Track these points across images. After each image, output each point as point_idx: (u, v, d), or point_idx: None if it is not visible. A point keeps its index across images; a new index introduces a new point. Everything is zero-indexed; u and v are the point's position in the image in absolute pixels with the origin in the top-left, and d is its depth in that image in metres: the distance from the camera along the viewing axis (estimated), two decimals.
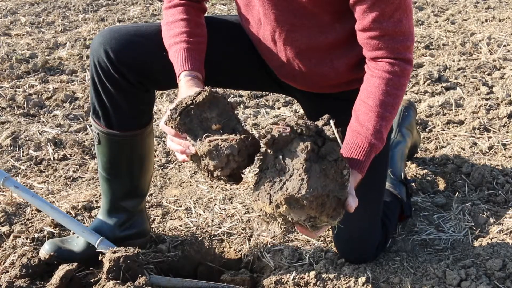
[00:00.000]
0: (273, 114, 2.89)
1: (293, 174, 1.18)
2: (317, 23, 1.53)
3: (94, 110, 1.67)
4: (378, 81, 1.44)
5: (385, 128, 1.43)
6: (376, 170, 1.54)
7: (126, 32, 1.61)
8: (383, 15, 1.40)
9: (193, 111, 1.27)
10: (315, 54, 1.60)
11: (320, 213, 1.19)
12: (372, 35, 1.43)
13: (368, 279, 1.66)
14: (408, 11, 1.42)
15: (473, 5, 5.06)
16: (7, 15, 4.86)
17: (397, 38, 1.43)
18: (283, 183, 1.18)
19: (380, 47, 1.44)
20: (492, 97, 3.03)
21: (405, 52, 1.45)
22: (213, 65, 1.63)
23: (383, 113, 1.42)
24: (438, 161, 2.40)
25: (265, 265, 1.81)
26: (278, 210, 1.18)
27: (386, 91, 1.43)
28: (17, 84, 3.26)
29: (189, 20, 1.58)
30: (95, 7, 5.13)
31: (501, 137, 2.59)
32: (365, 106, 1.44)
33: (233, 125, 1.29)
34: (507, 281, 1.66)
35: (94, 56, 1.60)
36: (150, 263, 1.81)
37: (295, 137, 1.21)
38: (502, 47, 3.82)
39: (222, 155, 1.22)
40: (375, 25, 1.41)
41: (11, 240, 1.85)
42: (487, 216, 1.99)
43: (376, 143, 1.42)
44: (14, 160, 2.43)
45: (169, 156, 2.51)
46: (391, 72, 1.43)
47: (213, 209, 2.10)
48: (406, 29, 1.43)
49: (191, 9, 1.61)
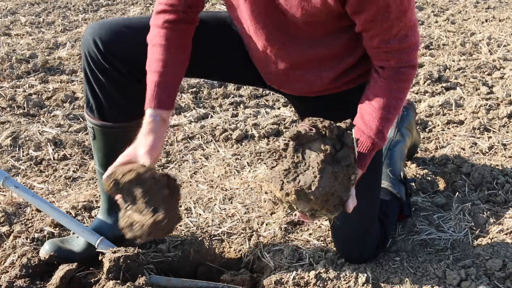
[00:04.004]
0: (273, 114, 2.89)
1: (308, 170, 1.29)
2: (308, 39, 1.54)
3: (88, 103, 1.69)
4: (384, 85, 1.49)
5: (386, 129, 1.51)
6: (371, 168, 1.56)
7: (116, 23, 1.63)
8: (389, 35, 1.43)
9: (121, 185, 1.39)
10: (304, 66, 1.62)
11: (322, 207, 1.32)
12: (380, 51, 1.48)
13: (368, 279, 1.66)
14: (413, 24, 1.45)
15: (473, 5, 5.06)
16: (7, 15, 4.86)
17: (403, 52, 1.47)
18: (297, 174, 1.30)
19: (388, 59, 1.48)
20: (492, 97, 3.03)
21: (411, 60, 1.49)
22: (202, 60, 1.66)
23: (387, 115, 1.49)
24: (438, 161, 2.40)
25: (265, 265, 1.81)
26: (287, 198, 1.30)
27: (391, 94, 1.49)
28: (17, 84, 3.26)
29: (168, 47, 1.54)
30: (95, 7, 5.13)
31: (501, 137, 2.59)
32: (370, 107, 1.50)
33: (156, 204, 1.38)
34: (507, 281, 1.66)
35: (84, 47, 1.62)
36: (150, 263, 1.81)
37: (318, 138, 1.32)
38: (502, 47, 3.82)
39: (135, 232, 1.38)
40: (382, 44, 1.45)
41: (11, 240, 1.85)
42: (487, 216, 1.99)
43: (378, 142, 1.50)
44: (14, 160, 2.43)
45: (169, 156, 2.51)
46: (397, 78, 1.49)
47: (213, 209, 2.10)
48: (412, 42, 1.47)
49: (173, 32, 1.56)
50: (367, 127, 1.49)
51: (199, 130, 2.72)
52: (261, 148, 2.56)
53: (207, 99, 3.13)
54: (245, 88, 3.24)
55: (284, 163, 1.31)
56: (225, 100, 3.10)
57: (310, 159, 1.30)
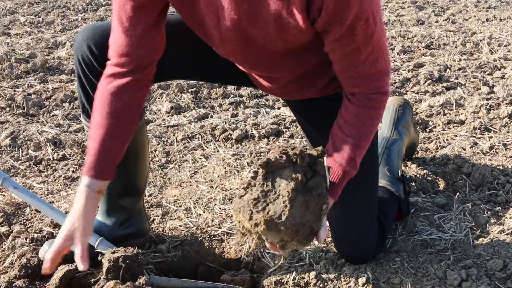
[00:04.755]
0: (273, 114, 2.89)
1: (278, 199, 1.26)
2: (292, 59, 1.53)
3: (84, 108, 1.68)
4: (355, 112, 1.47)
5: (359, 156, 1.48)
6: (366, 168, 1.57)
7: (108, 27, 1.59)
8: (357, 60, 1.41)
9: None
10: (293, 82, 1.62)
11: (292, 238, 1.28)
12: (349, 76, 1.45)
13: (369, 279, 1.65)
14: (383, 49, 1.42)
15: (474, 5, 5.06)
16: (6, 14, 4.85)
17: (373, 77, 1.44)
18: (266, 204, 1.26)
19: (357, 84, 1.46)
20: (493, 97, 3.03)
21: (382, 86, 1.47)
22: (189, 68, 1.68)
23: (358, 142, 1.48)
24: (439, 161, 2.40)
25: (265, 265, 1.80)
26: (256, 229, 1.26)
27: (362, 122, 1.47)
28: (16, 84, 3.25)
29: (111, 114, 1.49)
30: (95, 6, 5.13)
31: (502, 137, 2.59)
32: (342, 135, 1.48)
33: None
34: (508, 281, 1.65)
35: (78, 53, 1.60)
36: (150, 263, 1.80)
37: (289, 166, 1.29)
38: (503, 47, 3.82)
39: None
40: (351, 68, 1.43)
41: (10, 240, 1.85)
42: (487, 216, 1.99)
43: (349, 170, 1.47)
44: (14, 160, 2.43)
45: (169, 156, 2.50)
46: (368, 105, 1.47)
47: (213, 209, 2.09)
48: (383, 67, 1.44)
49: (120, 99, 1.49)
50: (339, 155, 1.47)
51: (199, 130, 2.71)
52: (261, 148, 2.56)
53: (207, 99, 3.12)
54: (245, 88, 3.23)
55: (253, 192, 1.27)
56: (225, 100, 3.09)
57: (280, 187, 1.27)
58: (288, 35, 1.40)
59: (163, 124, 2.81)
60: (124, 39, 1.47)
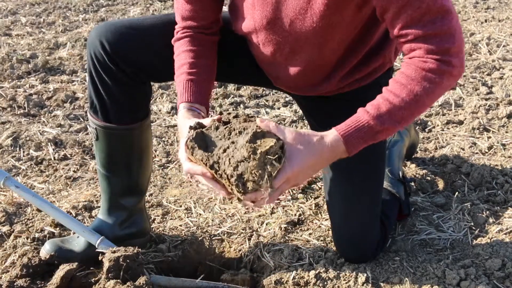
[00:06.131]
0: (273, 114, 2.90)
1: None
2: (317, 44, 1.52)
3: (92, 104, 1.69)
4: (408, 73, 1.36)
5: (389, 119, 1.35)
6: (374, 169, 1.56)
7: (121, 25, 1.63)
8: (411, 18, 1.31)
9: None
10: (312, 72, 1.62)
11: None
12: (404, 41, 1.36)
13: (368, 278, 1.66)
14: (442, 10, 1.30)
15: (473, 5, 5.07)
16: (8, 15, 4.86)
17: (432, 39, 1.32)
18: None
19: (413, 48, 1.35)
20: (492, 97, 3.04)
21: (444, 54, 1.32)
22: None
23: (400, 104, 1.35)
24: (438, 161, 2.41)
25: (265, 264, 1.81)
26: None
27: (414, 84, 1.34)
28: (17, 84, 3.26)
29: (191, 51, 1.59)
30: (96, 7, 5.14)
31: (501, 137, 2.60)
32: (387, 92, 1.37)
33: None
34: (506, 280, 1.66)
35: (90, 48, 1.63)
36: (150, 263, 1.81)
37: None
38: (502, 47, 3.83)
39: None
40: (403, 30, 1.33)
41: (11, 240, 1.86)
42: (486, 216, 2.00)
43: (373, 124, 1.35)
44: (15, 160, 2.44)
45: (169, 156, 2.51)
46: (426, 68, 1.33)
47: (213, 209, 2.10)
48: (442, 30, 1.31)
49: (194, 40, 1.61)
50: (372, 105, 1.36)
51: None
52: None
53: None
54: (245, 88, 3.24)
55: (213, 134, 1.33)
56: (225, 100, 3.10)
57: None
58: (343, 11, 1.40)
59: (163, 124, 2.82)
60: (186, 4, 1.60)
